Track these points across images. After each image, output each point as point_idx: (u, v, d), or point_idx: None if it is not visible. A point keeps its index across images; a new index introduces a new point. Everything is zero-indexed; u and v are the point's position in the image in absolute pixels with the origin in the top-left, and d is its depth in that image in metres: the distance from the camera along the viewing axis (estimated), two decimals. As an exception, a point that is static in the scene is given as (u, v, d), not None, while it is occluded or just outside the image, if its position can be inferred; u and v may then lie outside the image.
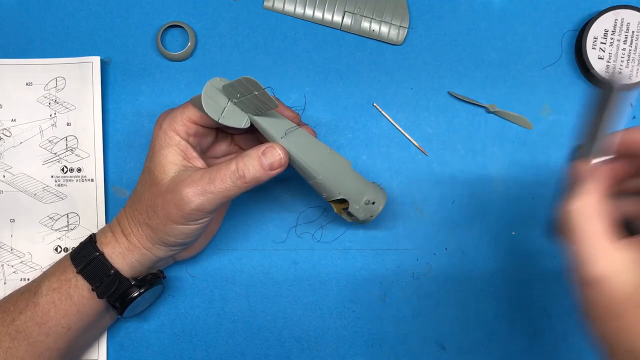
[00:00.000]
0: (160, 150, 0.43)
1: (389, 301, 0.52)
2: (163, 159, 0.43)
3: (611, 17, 0.51)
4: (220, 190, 0.42)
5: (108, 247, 0.45)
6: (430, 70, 0.54)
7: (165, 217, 0.43)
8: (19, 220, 0.52)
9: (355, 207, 0.46)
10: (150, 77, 0.54)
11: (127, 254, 0.45)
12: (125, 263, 0.45)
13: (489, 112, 0.53)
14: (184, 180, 0.42)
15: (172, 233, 0.43)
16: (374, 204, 0.47)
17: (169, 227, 0.43)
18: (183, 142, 0.43)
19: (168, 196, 0.42)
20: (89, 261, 0.45)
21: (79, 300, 0.45)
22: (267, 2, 0.54)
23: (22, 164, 0.53)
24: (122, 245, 0.45)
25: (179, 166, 0.43)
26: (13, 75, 0.53)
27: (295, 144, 0.43)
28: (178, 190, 0.42)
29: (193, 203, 0.41)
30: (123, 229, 0.46)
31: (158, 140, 0.44)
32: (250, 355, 0.52)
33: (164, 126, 0.43)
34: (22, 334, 0.44)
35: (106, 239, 0.46)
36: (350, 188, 0.46)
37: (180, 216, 0.42)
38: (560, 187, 0.36)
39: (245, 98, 0.41)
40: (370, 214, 0.47)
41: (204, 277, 0.53)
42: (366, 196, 0.46)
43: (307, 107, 0.54)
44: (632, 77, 0.52)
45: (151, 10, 0.54)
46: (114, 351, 0.53)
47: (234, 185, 0.42)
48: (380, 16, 0.53)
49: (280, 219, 0.53)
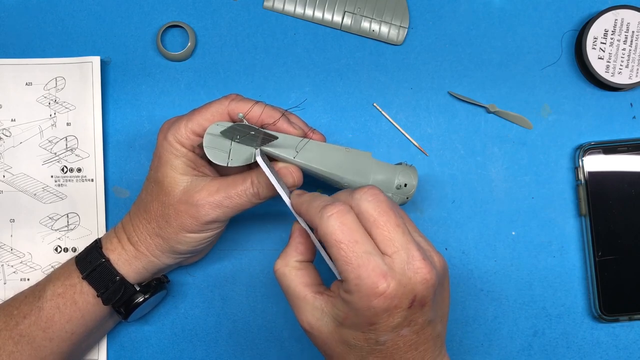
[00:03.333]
0: (168, 162, 0.43)
1: (389, 301, 0.52)
2: (172, 170, 0.43)
3: (611, 17, 0.51)
4: (237, 205, 0.43)
5: (114, 254, 0.45)
6: (430, 70, 0.54)
7: (178, 227, 0.43)
8: (18, 221, 0.52)
9: (388, 195, 0.45)
10: (150, 77, 0.54)
11: (133, 261, 0.45)
12: (131, 270, 0.45)
13: (489, 112, 0.53)
14: (199, 192, 0.42)
15: (185, 242, 0.44)
16: (406, 186, 0.46)
17: (181, 236, 0.43)
18: (190, 153, 0.44)
19: (182, 207, 0.43)
20: (95, 267, 0.45)
21: (83, 306, 0.45)
22: (267, 2, 0.54)
23: (22, 164, 0.52)
24: (128, 253, 0.45)
25: (189, 177, 0.43)
26: (13, 75, 0.53)
27: (309, 158, 0.44)
28: (193, 203, 0.42)
29: (209, 216, 0.42)
30: (129, 237, 0.46)
31: (164, 151, 0.44)
32: (250, 355, 0.52)
33: (169, 137, 0.43)
34: (26, 338, 0.44)
35: (112, 245, 0.46)
36: (377, 178, 0.46)
37: (196, 226, 0.43)
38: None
39: (245, 138, 0.42)
40: (405, 196, 0.47)
41: (204, 277, 0.53)
42: (396, 181, 0.46)
43: (307, 107, 0.54)
44: (632, 77, 0.52)
45: (151, 10, 0.54)
46: (114, 351, 0.53)
47: (249, 202, 0.43)
48: (380, 16, 0.53)
49: (281, 218, 0.53)
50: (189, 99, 0.54)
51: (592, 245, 0.51)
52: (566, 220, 0.53)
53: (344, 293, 0.35)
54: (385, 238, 0.35)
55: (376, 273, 0.34)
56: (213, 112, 0.43)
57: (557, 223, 0.53)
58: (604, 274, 0.51)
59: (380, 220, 0.36)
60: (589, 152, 0.51)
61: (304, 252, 0.40)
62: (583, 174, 0.51)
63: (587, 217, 0.51)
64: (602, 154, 0.51)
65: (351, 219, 0.35)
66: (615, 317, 0.51)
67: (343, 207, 0.36)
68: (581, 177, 0.51)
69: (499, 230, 0.53)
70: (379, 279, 0.34)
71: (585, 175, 0.51)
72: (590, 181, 0.51)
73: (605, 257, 0.51)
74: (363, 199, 0.36)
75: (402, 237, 0.36)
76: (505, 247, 0.46)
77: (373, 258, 0.34)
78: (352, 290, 0.35)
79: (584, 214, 0.51)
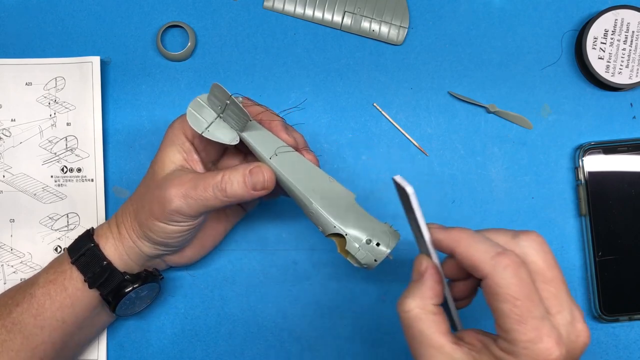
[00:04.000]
0: (165, 147, 0.44)
1: (388, 301, 0.52)
2: (165, 155, 0.44)
3: (611, 17, 0.51)
4: (201, 198, 0.41)
5: (102, 238, 0.46)
6: (430, 70, 0.54)
7: (149, 211, 0.43)
8: (18, 221, 0.52)
9: (354, 245, 0.41)
10: (150, 77, 0.54)
11: (118, 245, 0.46)
12: (117, 255, 0.45)
13: (489, 112, 0.53)
14: (172, 180, 0.42)
15: (153, 229, 0.43)
16: (379, 246, 0.41)
17: (150, 222, 0.43)
18: (187, 144, 0.44)
19: (156, 192, 0.43)
20: (84, 252, 0.45)
21: (73, 292, 0.45)
22: (267, 2, 0.54)
23: (22, 164, 0.53)
24: (114, 236, 0.46)
25: (176, 165, 0.44)
26: (13, 75, 0.53)
27: (284, 166, 0.41)
28: (164, 188, 0.42)
29: (173, 203, 0.41)
30: (117, 220, 0.46)
31: (166, 137, 0.45)
32: (250, 355, 0.52)
33: (175, 125, 0.44)
34: (18, 326, 0.44)
35: (102, 230, 0.46)
36: (349, 222, 0.41)
37: (161, 214, 0.42)
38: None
39: (226, 112, 0.41)
40: (373, 258, 0.41)
41: (204, 277, 0.53)
42: (367, 234, 0.41)
43: (307, 107, 0.54)
44: (632, 77, 0.52)
45: (151, 10, 0.54)
46: (114, 351, 0.53)
47: (214, 197, 0.41)
48: (380, 16, 0.53)
49: (280, 218, 0.53)
50: (189, 99, 0.53)
51: (592, 245, 0.51)
52: (566, 220, 0.53)
53: (502, 352, 0.33)
54: (552, 296, 0.33)
55: (551, 339, 0.32)
56: None
57: (557, 223, 0.53)
58: (604, 274, 0.51)
59: (548, 274, 0.33)
60: (589, 152, 0.51)
61: (440, 295, 0.36)
62: (583, 174, 0.51)
63: (587, 217, 0.51)
64: (602, 154, 0.51)
65: (526, 274, 0.32)
66: (615, 317, 0.51)
67: (517, 258, 0.33)
68: (581, 177, 0.51)
69: (499, 230, 0.53)
70: (554, 346, 0.32)
71: (585, 175, 0.51)
72: (590, 181, 0.51)
73: (605, 257, 0.51)
74: (531, 248, 0.34)
75: (567, 297, 0.33)
76: (505, 247, 0.46)
77: (547, 322, 0.32)
78: (518, 353, 0.32)
79: (584, 214, 0.51)
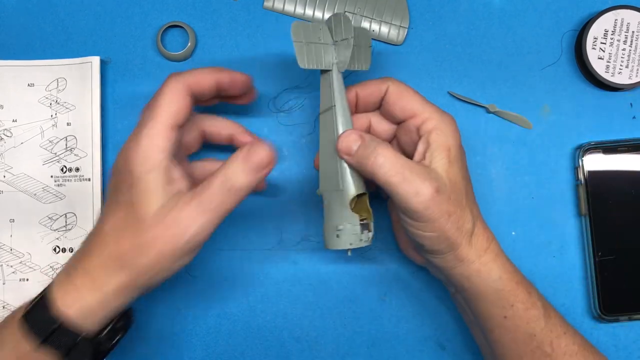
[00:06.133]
0: (140, 178, 0.38)
1: (389, 301, 0.52)
2: (145, 187, 0.38)
3: (611, 17, 0.51)
4: (214, 208, 0.37)
5: (72, 309, 0.38)
6: (430, 70, 0.54)
7: (158, 254, 0.37)
8: (18, 221, 0.52)
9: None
10: (150, 77, 0.54)
11: (98, 311, 0.38)
12: (96, 321, 0.39)
13: (489, 112, 0.53)
14: (173, 209, 0.37)
15: (165, 270, 0.38)
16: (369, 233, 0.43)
17: (162, 265, 0.38)
18: (165, 161, 0.38)
19: (159, 231, 0.37)
20: (50, 333, 0.37)
21: None
22: (267, 2, 0.54)
23: (23, 164, 0.53)
24: (91, 302, 0.38)
25: (165, 194, 0.38)
26: (14, 76, 0.53)
27: (340, 117, 0.44)
28: (170, 221, 0.37)
29: (191, 228, 0.37)
30: (93, 280, 0.38)
31: (135, 164, 0.38)
32: (250, 355, 0.52)
33: (143, 144, 0.38)
34: None
35: (69, 295, 0.38)
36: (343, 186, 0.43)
37: (179, 249, 0.37)
38: None
39: (344, 45, 0.42)
40: (360, 238, 0.43)
41: (203, 277, 0.53)
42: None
43: (306, 107, 0.54)
44: (632, 77, 0.52)
45: (151, 10, 0.54)
46: (114, 352, 0.52)
47: (228, 199, 0.38)
48: (380, 16, 0.53)
49: (281, 218, 0.53)
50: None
51: (592, 245, 0.51)
52: (566, 220, 0.52)
53: None
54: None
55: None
56: (170, 99, 0.41)
57: (557, 223, 0.52)
58: (604, 274, 0.51)
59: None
60: (588, 152, 0.51)
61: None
62: (583, 174, 0.51)
63: (587, 217, 0.51)
64: (602, 154, 0.51)
65: None
66: (615, 317, 0.51)
67: None
68: (581, 177, 0.51)
69: (499, 230, 0.52)
70: None
71: (585, 175, 0.51)
72: (590, 181, 0.51)
73: (605, 257, 0.51)
74: None
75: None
76: (505, 247, 0.46)
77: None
78: None
79: (584, 214, 0.51)
